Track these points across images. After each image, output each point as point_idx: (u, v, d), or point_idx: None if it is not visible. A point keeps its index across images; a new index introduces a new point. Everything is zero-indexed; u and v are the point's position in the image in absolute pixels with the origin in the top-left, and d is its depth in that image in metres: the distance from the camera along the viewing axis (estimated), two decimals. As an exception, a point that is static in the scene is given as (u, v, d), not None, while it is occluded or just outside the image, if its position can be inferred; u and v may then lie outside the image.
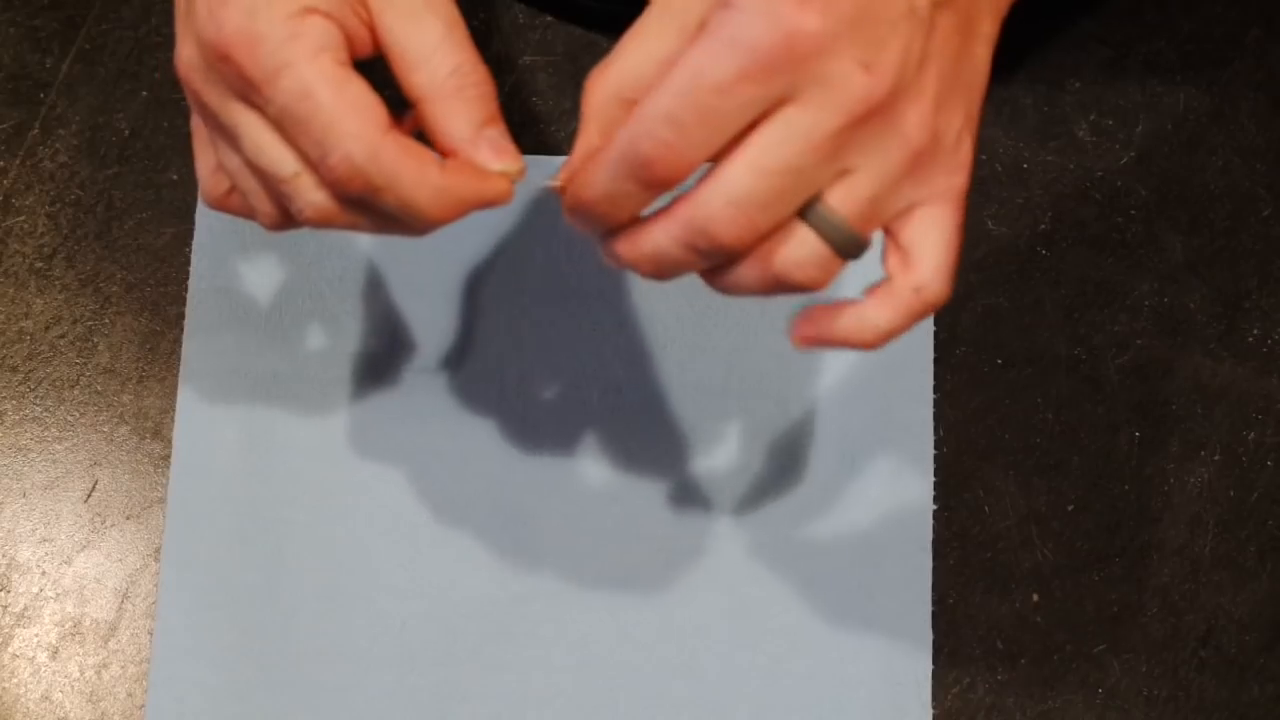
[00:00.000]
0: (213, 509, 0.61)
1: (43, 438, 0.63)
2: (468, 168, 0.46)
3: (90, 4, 0.66)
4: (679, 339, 0.63)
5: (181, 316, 0.63)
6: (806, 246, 0.43)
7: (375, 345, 0.63)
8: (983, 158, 0.65)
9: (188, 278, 0.63)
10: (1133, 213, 0.64)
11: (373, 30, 0.46)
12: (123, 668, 0.60)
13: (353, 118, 0.44)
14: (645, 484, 0.62)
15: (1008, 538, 0.61)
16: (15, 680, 0.60)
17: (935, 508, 0.61)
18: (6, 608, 0.61)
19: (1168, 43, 0.66)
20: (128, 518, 0.62)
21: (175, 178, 0.65)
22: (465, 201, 0.46)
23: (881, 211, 0.43)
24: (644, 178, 0.42)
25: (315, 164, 0.45)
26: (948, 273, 0.45)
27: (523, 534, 0.61)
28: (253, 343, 0.63)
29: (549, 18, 0.66)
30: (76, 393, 0.63)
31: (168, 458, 0.62)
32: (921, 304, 0.45)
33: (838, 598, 0.60)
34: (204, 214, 0.64)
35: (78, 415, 0.63)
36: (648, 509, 0.61)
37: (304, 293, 0.63)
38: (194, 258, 0.64)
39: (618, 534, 0.61)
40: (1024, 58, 0.66)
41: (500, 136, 0.47)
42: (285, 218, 0.48)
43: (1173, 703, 0.60)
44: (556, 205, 0.63)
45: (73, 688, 0.60)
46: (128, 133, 0.65)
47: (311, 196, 0.46)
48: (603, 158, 0.43)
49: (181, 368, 0.63)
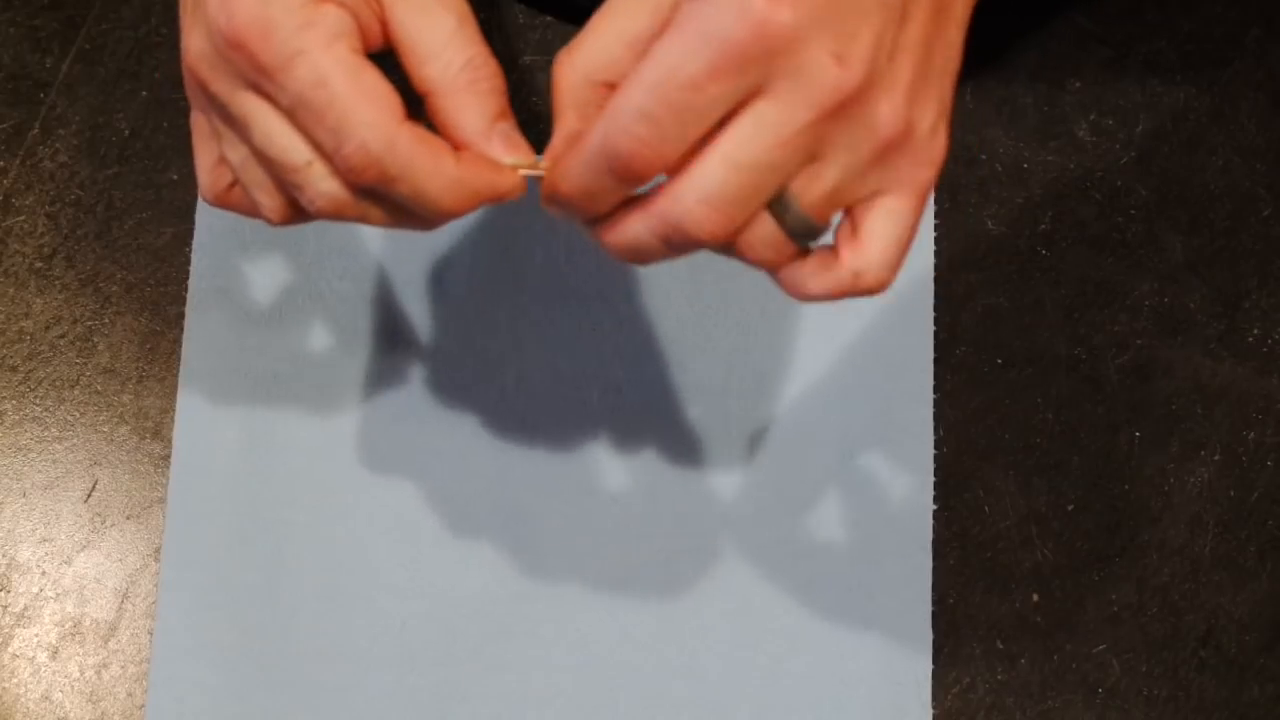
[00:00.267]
0: (213, 509, 0.61)
1: (43, 438, 0.63)
2: (482, 159, 0.46)
3: (90, 4, 0.66)
4: (679, 339, 0.63)
5: (181, 316, 0.63)
6: (762, 229, 0.43)
7: (375, 345, 0.63)
8: (982, 158, 0.65)
9: (188, 278, 0.63)
10: (1133, 213, 0.64)
11: (384, 23, 0.46)
12: (123, 668, 0.60)
13: (368, 106, 0.44)
14: (645, 484, 0.62)
15: (1008, 538, 0.61)
16: (15, 680, 0.60)
17: (935, 508, 0.61)
18: (6, 608, 0.61)
19: (1168, 43, 0.66)
20: (128, 518, 0.62)
21: (175, 178, 0.65)
22: (479, 193, 0.46)
23: (844, 199, 0.43)
24: (620, 174, 0.42)
25: (329, 153, 0.44)
26: (893, 266, 0.44)
27: (523, 534, 0.61)
28: (253, 343, 0.63)
29: (549, 18, 0.66)
30: (76, 393, 0.63)
31: (168, 458, 0.62)
32: (856, 288, 0.45)
33: (838, 598, 0.60)
34: (204, 214, 0.64)
35: (78, 415, 0.63)
36: (648, 509, 0.61)
37: (304, 293, 0.63)
38: (194, 258, 0.64)
39: (618, 534, 0.61)
40: (1024, 58, 0.66)
41: (512, 130, 0.46)
42: (292, 211, 0.47)
43: (1173, 703, 0.60)
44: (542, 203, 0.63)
45: (73, 688, 0.60)
46: (128, 133, 0.65)
47: (323, 186, 0.45)
48: (578, 153, 0.43)
49: (181, 368, 0.63)
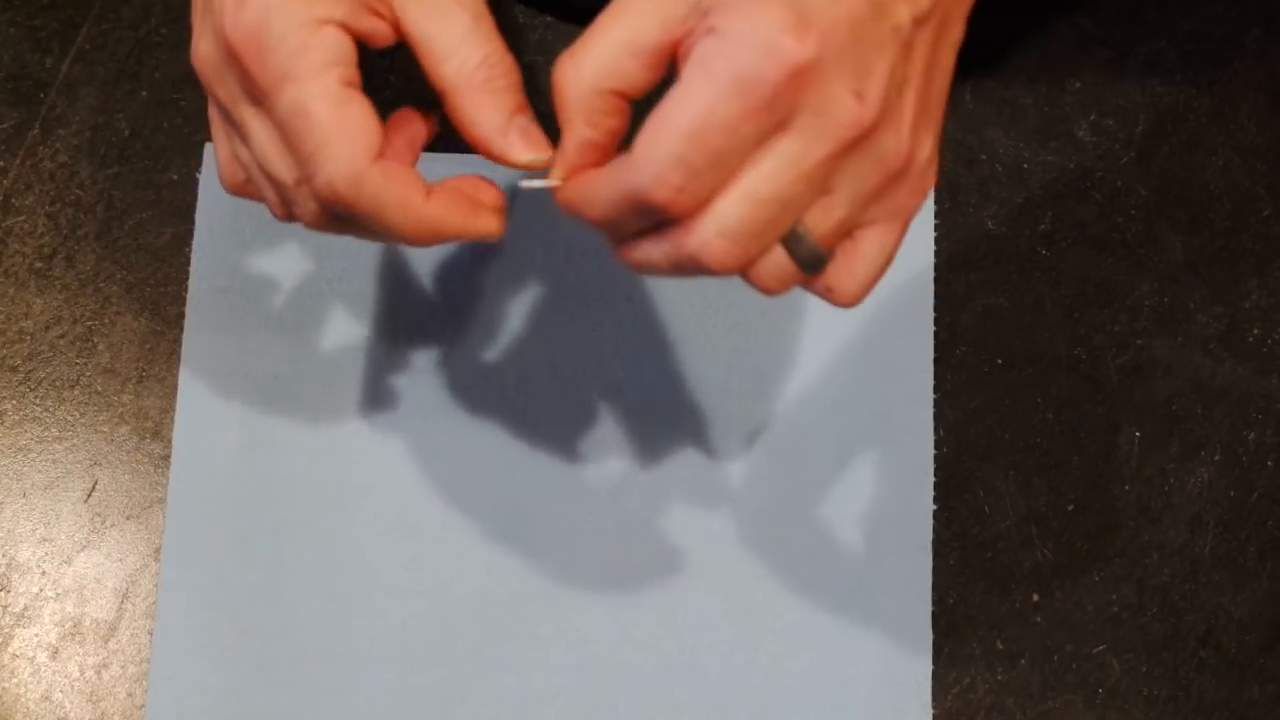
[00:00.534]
0: (213, 509, 0.61)
1: (43, 438, 0.63)
2: (457, 201, 0.47)
3: (90, 4, 0.66)
4: (679, 339, 0.63)
5: (181, 316, 0.63)
6: (775, 263, 0.43)
7: (375, 345, 0.63)
8: (982, 158, 0.65)
9: (188, 278, 0.63)
10: (1133, 213, 0.64)
11: (395, 25, 0.46)
12: (123, 668, 0.60)
13: (343, 142, 0.44)
14: (645, 484, 0.62)
15: (1008, 538, 0.61)
16: (15, 680, 0.60)
17: (935, 508, 0.61)
18: (6, 608, 0.61)
19: (1168, 43, 0.66)
20: (128, 518, 0.62)
21: (175, 178, 0.65)
22: (447, 235, 0.46)
23: (849, 228, 0.44)
24: (653, 216, 0.42)
25: (305, 179, 0.45)
26: (866, 290, 0.45)
27: (523, 534, 0.61)
28: (253, 343, 0.63)
29: (549, 18, 0.66)
30: (76, 393, 0.63)
31: (168, 458, 0.62)
32: (823, 296, 0.45)
33: (838, 598, 0.60)
34: (204, 214, 0.64)
35: (78, 415, 0.63)
36: (648, 509, 0.61)
37: (304, 293, 0.63)
38: (194, 258, 0.64)
39: (618, 534, 0.61)
40: (1024, 58, 0.66)
41: (530, 124, 0.47)
42: (287, 215, 0.48)
43: (1173, 703, 0.60)
44: (556, 208, 0.63)
45: (73, 688, 0.60)
46: (128, 133, 0.65)
47: (308, 205, 0.46)
48: (608, 186, 0.43)
49: (181, 368, 0.63)
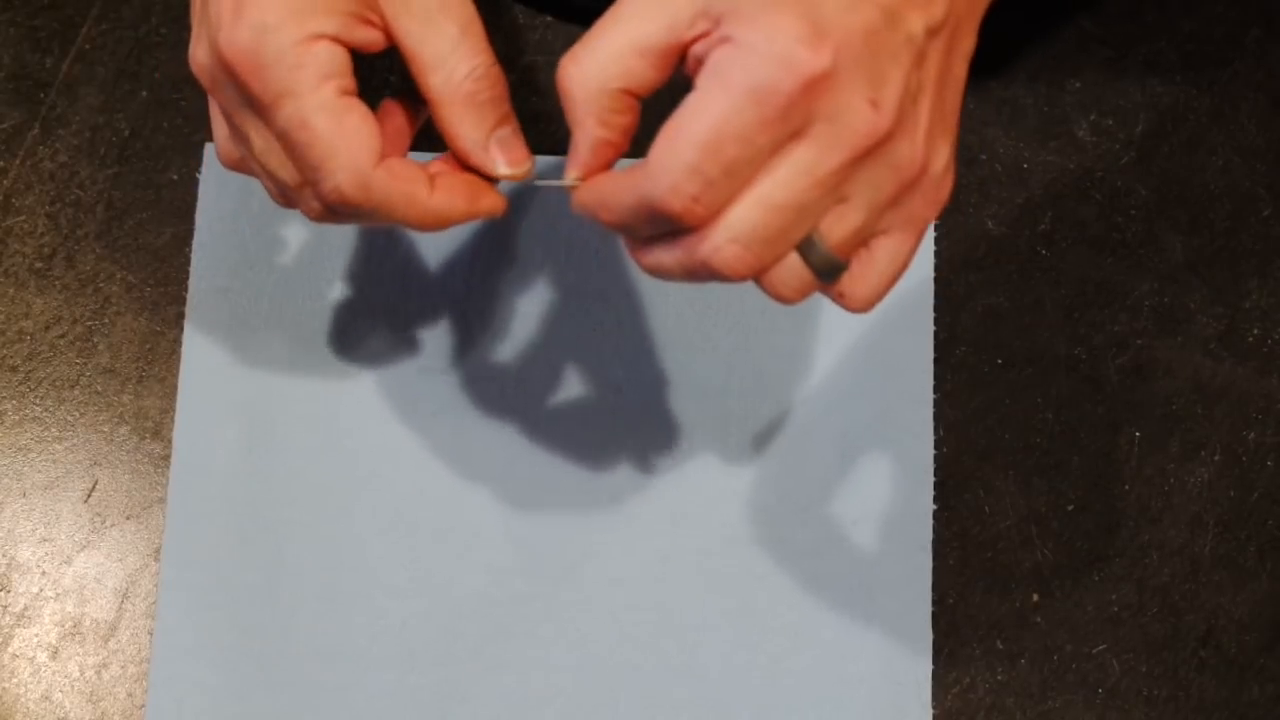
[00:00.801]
0: (213, 509, 0.61)
1: (43, 438, 0.63)
2: (461, 186, 0.47)
3: (90, 4, 0.66)
4: (679, 339, 0.63)
5: (181, 316, 0.63)
6: (791, 271, 0.43)
7: (375, 345, 0.63)
8: (982, 158, 0.65)
9: (188, 278, 0.63)
10: (1133, 213, 0.64)
11: (387, 33, 0.47)
12: (123, 668, 0.60)
13: (346, 150, 0.45)
14: (645, 484, 0.62)
15: (1008, 538, 0.61)
16: (15, 680, 0.60)
17: (935, 508, 0.61)
18: (6, 608, 0.61)
19: (1168, 43, 0.66)
20: (128, 518, 0.62)
21: (175, 178, 0.65)
22: (454, 219, 0.47)
23: (865, 237, 0.44)
24: (668, 224, 0.42)
25: (310, 184, 0.46)
26: (879, 297, 0.45)
27: (523, 534, 0.61)
28: (253, 343, 0.63)
29: (549, 18, 0.66)
30: (76, 393, 0.63)
31: (168, 458, 0.62)
32: (835, 301, 0.45)
33: (838, 598, 0.60)
34: (204, 214, 0.64)
35: (78, 415, 0.63)
36: (648, 509, 0.61)
37: (304, 293, 0.63)
38: (194, 258, 0.64)
39: (618, 534, 0.61)
40: (1024, 58, 0.66)
41: (510, 136, 0.47)
42: (290, 201, 0.49)
43: (1173, 703, 0.60)
44: (557, 206, 0.64)
45: (73, 688, 0.60)
46: (128, 133, 0.65)
47: (311, 204, 0.48)
48: (623, 193, 0.43)
49: (181, 368, 0.62)
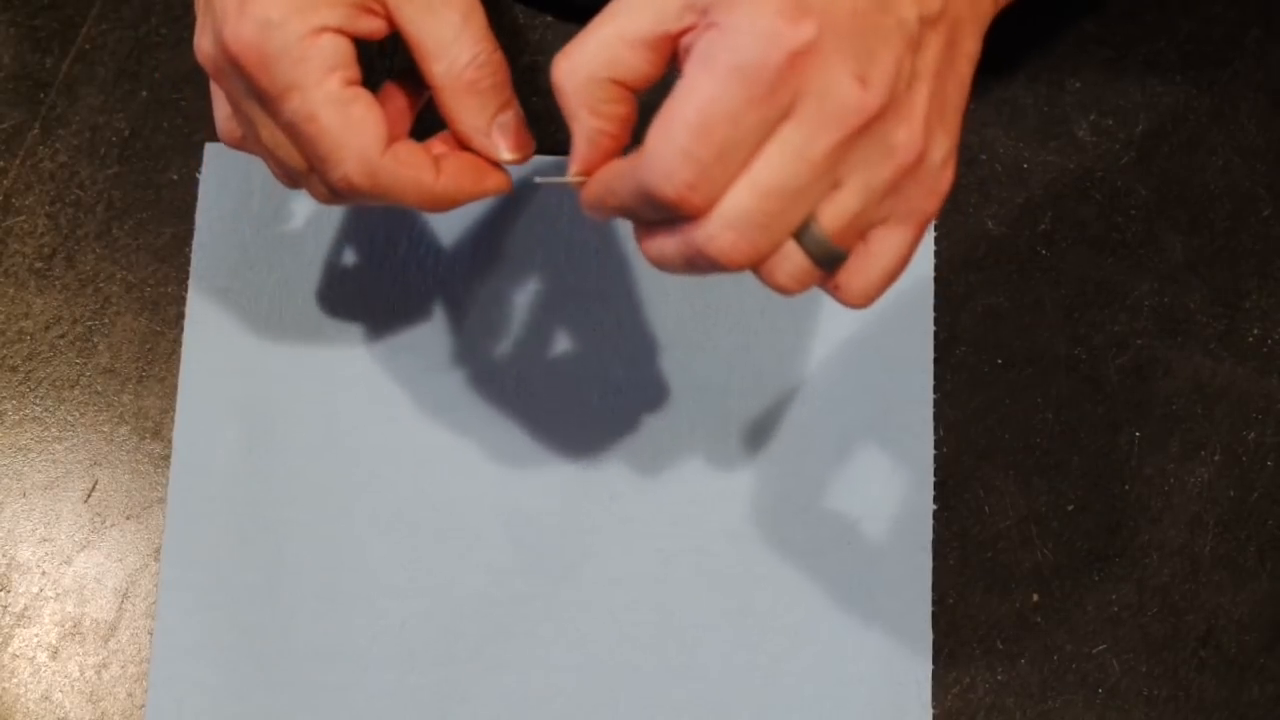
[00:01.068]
0: (213, 509, 0.61)
1: (43, 438, 0.63)
2: (466, 167, 0.49)
3: (90, 4, 0.66)
4: (679, 339, 0.63)
5: (181, 316, 0.63)
6: (789, 260, 0.43)
7: (375, 346, 0.63)
8: (982, 158, 0.65)
9: (188, 278, 0.63)
10: (1133, 213, 0.64)
11: (390, 21, 0.47)
12: (123, 668, 0.60)
13: (353, 140, 0.46)
14: (645, 484, 0.62)
15: (1008, 538, 0.61)
16: (15, 680, 0.60)
17: (935, 508, 0.61)
18: (6, 608, 0.61)
19: (1168, 43, 0.66)
20: (128, 518, 0.62)
21: (175, 178, 0.65)
22: (460, 200, 0.49)
23: (864, 226, 0.44)
24: (667, 212, 0.42)
25: (318, 173, 0.47)
26: (878, 291, 0.45)
27: (523, 534, 0.61)
28: (253, 343, 0.63)
29: (549, 18, 0.66)
30: (76, 393, 0.63)
31: (168, 458, 0.62)
32: (831, 294, 0.45)
33: (838, 598, 0.60)
34: (204, 214, 0.64)
35: (78, 415, 0.63)
36: (648, 509, 0.61)
37: (304, 293, 0.63)
38: (194, 258, 0.64)
39: (618, 534, 0.61)
40: (1024, 58, 0.66)
41: (513, 121, 0.49)
42: (295, 186, 0.50)
43: (1173, 703, 0.60)
44: (557, 206, 0.64)
45: (73, 688, 0.60)
46: (128, 133, 0.65)
47: (319, 190, 0.49)
48: (621, 182, 0.43)
49: (181, 368, 0.63)
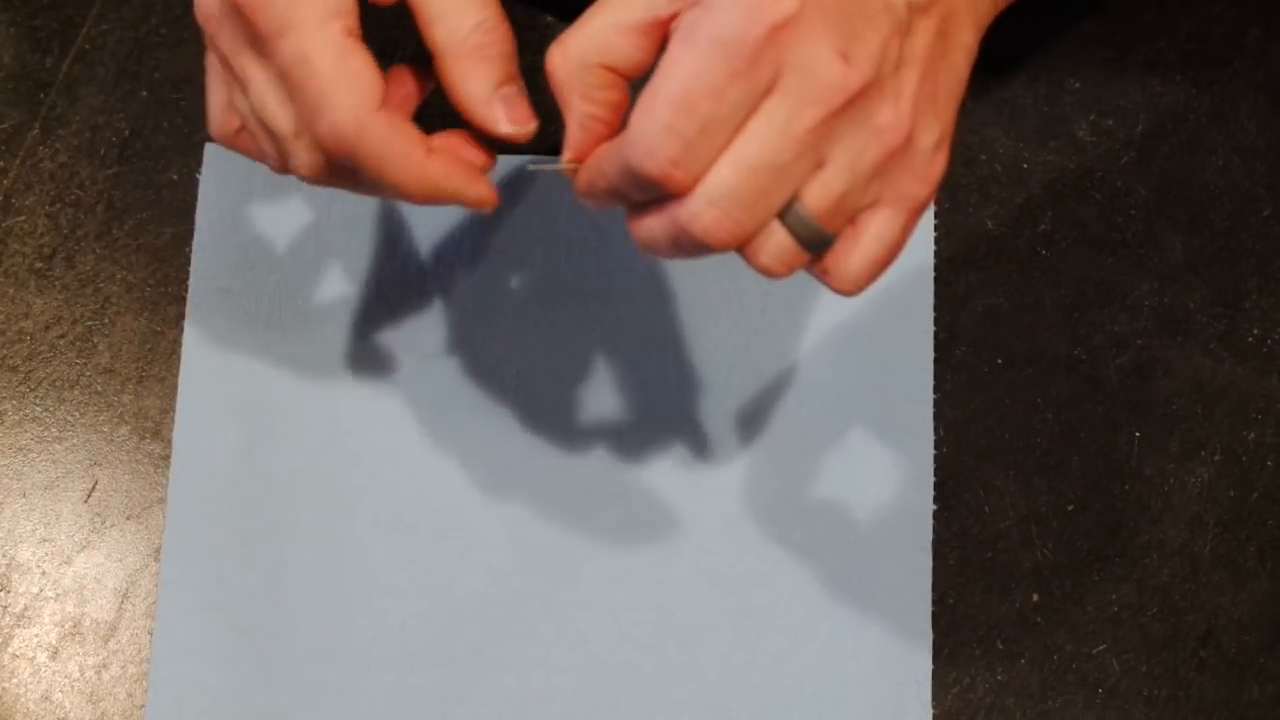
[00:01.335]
0: (213, 509, 0.61)
1: (43, 438, 0.63)
2: (456, 163, 0.47)
3: (90, 4, 0.66)
4: (679, 339, 0.63)
5: (181, 316, 0.63)
6: (775, 241, 0.43)
7: (375, 346, 0.63)
8: (982, 158, 0.65)
9: (188, 278, 0.63)
10: (1133, 213, 0.64)
11: None
12: (123, 668, 0.60)
13: (346, 90, 0.44)
14: (645, 484, 0.62)
15: (1008, 538, 0.61)
16: (15, 680, 0.60)
17: (935, 508, 0.61)
18: (6, 608, 0.61)
19: (1168, 43, 0.66)
20: (128, 518, 0.62)
21: (175, 178, 0.65)
22: (444, 193, 0.47)
23: (851, 207, 0.43)
24: (653, 190, 0.42)
25: (306, 127, 0.45)
26: (867, 278, 0.45)
27: (523, 534, 0.61)
28: (253, 343, 0.63)
29: (549, 18, 0.66)
30: (76, 393, 0.63)
31: (168, 458, 0.62)
32: (819, 278, 0.45)
33: (838, 598, 0.60)
34: (204, 214, 0.64)
35: (78, 415, 0.63)
36: (647, 509, 0.61)
37: (304, 293, 0.63)
38: (194, 258, 0.64)
39: (618, 534, 0.61)
40: (1024, 58, 0.66)
41: (516, 95, 0.47)
42: (285, 167, 0.49)
43: (1173, 703, 0.60)
44: (556, 204, 0.64)
45: (73, 688, 0.60)
46: (128, 133, 0.65)
47: (305, 156, 0.47)
48: (608, 161, 0.43)
49: (181, 368, 0.63)
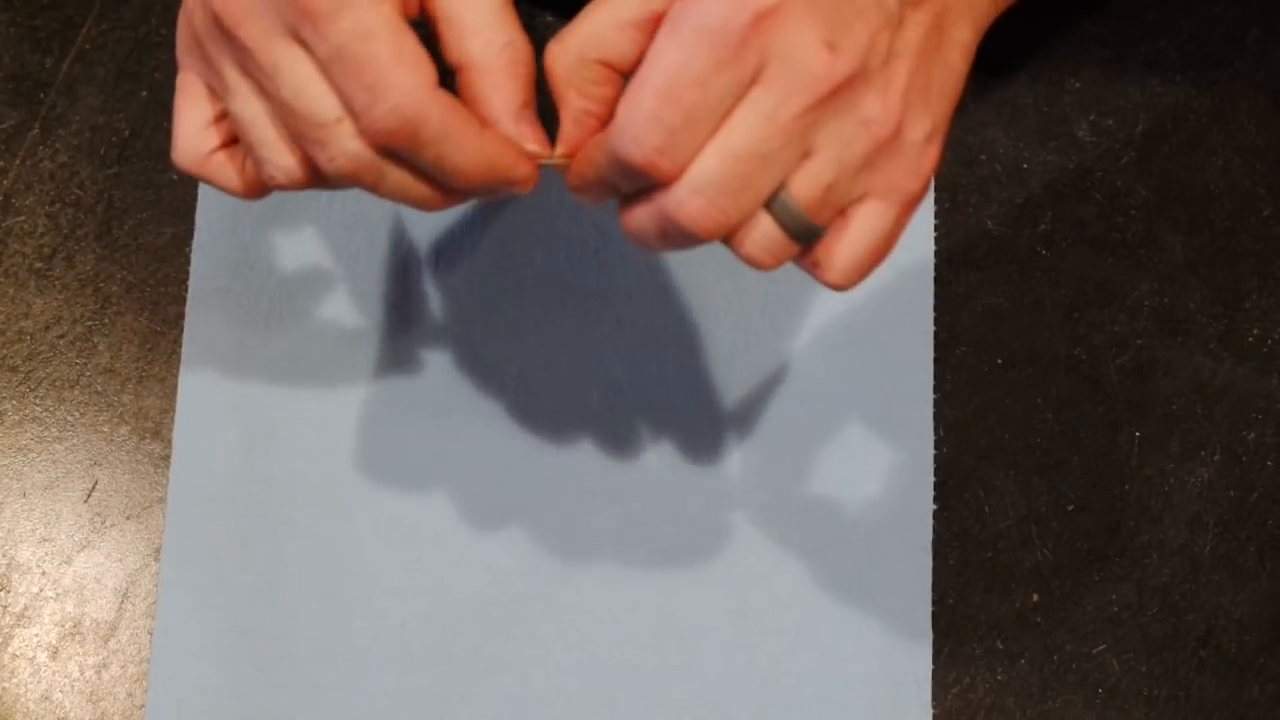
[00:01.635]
0: (213, 509, 0.61)
1: (43, 438, 0.63)
2: (504, 142, 0.46)
3: (90, 4, 0.66)
4: (679, 339, 0.63)
5: (181, 316, 0.63)
6: (763, 231, 0.43)
7: (375, 346, 0.63)
8: (982, 158, 0.65)
9: (188, 278, 0.63)
10: (1133, 213, 0.64)
11: (424, 2, 0.46)
12: (123, 668, 0.60)
13: (407, 70, 0.43)
14: (645, 484, 0.62)
15: (1008, 538, 0.61)
16: (15, 680, 0.60)
17: (935, 508, 0.61)
18: (6, 608, 0.61)
19: (1168, 43, 0.66)
20: (128, 518, 0.62)
21: (175, 178, 0.65)
22: (498, 172, 0.46)
23: (839, 199, 0.43)
24: (640, 179, 0.42)
25: (359, 111, 0.44)
26: (858, 271, 0.44)
27: (523, 534, 0.61)
28: (253, 343, 0.63)
29: (549, 17, 0.66)
30: (76, 393, 0.63)
31: (168, 458, 0.62)
32: (811, 272, 0.45)
33: (838, 598, 0.60)
34: (204, 214, 0.64)
35: (78, 415, 0.63)
36: (647, 509, 0.61)
37: (304, 293, 0.63)
38: (194, 258, 0.64)
39: (618, 534, 0.61)
40: (1024, 58, 0.66)
41: (535, 120, 0.47)
42: (303, 172, 0.47)
43: (1173, 703, 0.60)
44: (556, 204, 0.64)
45: (73, 688, 0.60)
46: (128, 133, 0.65)
47: (348, 144, 0.45)
48: (597, 151, 0.43)
49: (181, 368, 0.63)
